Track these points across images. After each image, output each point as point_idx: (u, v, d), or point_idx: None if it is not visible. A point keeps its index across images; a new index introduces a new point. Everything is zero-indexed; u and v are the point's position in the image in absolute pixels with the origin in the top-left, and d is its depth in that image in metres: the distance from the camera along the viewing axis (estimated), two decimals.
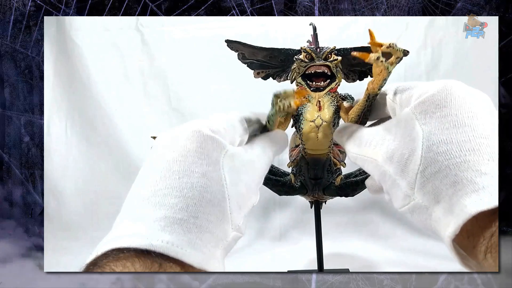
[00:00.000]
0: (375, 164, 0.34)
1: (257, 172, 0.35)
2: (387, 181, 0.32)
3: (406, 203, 0.31)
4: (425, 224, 0.30)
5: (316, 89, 0.44)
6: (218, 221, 0.30)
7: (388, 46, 0.37)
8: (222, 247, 0.30)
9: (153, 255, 0.26)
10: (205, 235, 0.29)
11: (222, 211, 0.30)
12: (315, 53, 0.43)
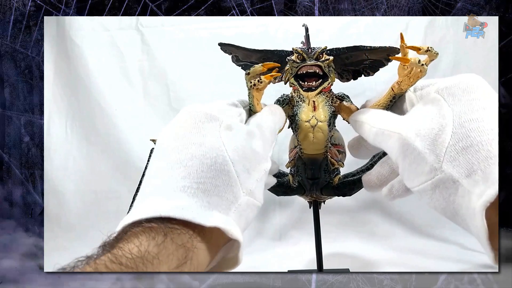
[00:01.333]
0: (398, 137, 0.33)
1: (259, 137, 0.35)
2: (409, 156, 0.32)
3: (431, 177, 0.31)
4: (446, 200, 0.30)
5: (308, 89, 0.44)
6: (224, 185, 0.30)
7: (427, 50, 0.39)
8: (235, 210, 0.31)
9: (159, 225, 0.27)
10: (213, 198, 0.29)
11: (227, 174, 0.31)
12: (307, 53, 0.43)
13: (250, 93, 0.40)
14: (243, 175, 0.32)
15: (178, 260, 0.26)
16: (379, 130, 0.36)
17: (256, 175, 0.33)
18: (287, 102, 0.47)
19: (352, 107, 0.46)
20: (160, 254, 0.26)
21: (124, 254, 0.25)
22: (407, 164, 0.33)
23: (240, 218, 0.31)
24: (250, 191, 0.32)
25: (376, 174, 0.40)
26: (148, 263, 0.25)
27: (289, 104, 0.47)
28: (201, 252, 0.28)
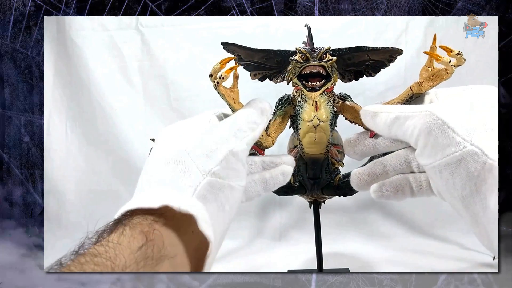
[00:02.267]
0: (425, 114, 0.33)
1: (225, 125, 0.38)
2: (435, 131, 0.32)
3: (458, 150, 0.31)
4: (470, 175, 0.30)
5: (312, 89, 0.44)
6: (182, 172, 0.34)
7: (457, 53, 0.39)
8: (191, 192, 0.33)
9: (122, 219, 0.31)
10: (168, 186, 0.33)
11: (183, 163, 0.34)
12: (310, 53, 0.44)
13: (219, 92, 0.41)
14: (200, 160, 0.34)
15: (138, 242, 0.29)
16: (400, 113, 0.35)
17: (218, 157, 0.35)
18: (289, 102, 0.47)
19: (356, 107, 0.46)
20: (120, 239, 0.28)
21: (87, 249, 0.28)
22: (432, 138, 0.32)
23: (206, 199, 0.33)
24: (212, 172, 0.34)
25: (368, 170, 0.40)
26: (110, 249, 0.27)
27: (291, 104, 0.47)
28: (166, 235, 0.30)
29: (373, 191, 0.39)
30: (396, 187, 0.38)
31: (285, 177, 0.41)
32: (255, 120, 0.39)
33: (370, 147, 0.41)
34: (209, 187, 0.33)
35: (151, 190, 0.33)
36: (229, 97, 0.42)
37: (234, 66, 0.41)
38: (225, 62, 0.40)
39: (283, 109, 0.47)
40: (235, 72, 0.41)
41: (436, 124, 0.32)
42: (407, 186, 0.38)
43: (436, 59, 0.39)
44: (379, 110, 0.38)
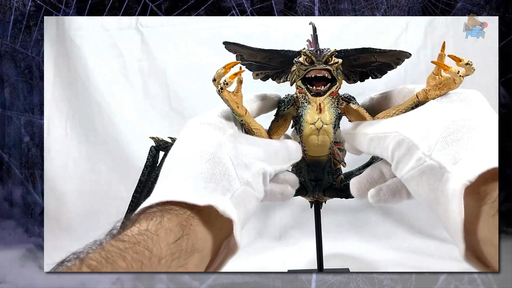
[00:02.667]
0: (394, 135, 0.36)
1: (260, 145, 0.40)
2: (403, 148, 0.35)
3: (420, 164, 0.33)
4: (431, 187, 0.32)
5: (317, 93, 0.43)
6: (221, 174, 0.34)
7: (466, 63, 0.40)
8: (231, 197, 0.34)
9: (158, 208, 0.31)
10: (210, 184, 0.33)
11: (224, 165, 0.35)
12: (315, 56, 0.42)
13: (222, 98, 0.41)
14: (240, 168, 0.36)
15: (175, 235, 0.29)
16: (374, 135, 0.39)
17: (254, 170, 0.37)
18: (292, 103, 0.47)
19: (360, 110, 0.45)
20: (158, 231, 0.29)
21: (126, 234, 0.28)
22: (401, 155, 0.35)
23: (238, 205, 0.34)
24: (247, 181, 0.36)
25: (366, 176, 0.41)
26: (148, 239, 0.28)
27: (294, 105, 0.47)
28: (199, 231, 0.32)
29: (371, 196, 0.39)
30: (393, 191, 0.39)
31: (283, 198, 0.42)
32: (288, 157, 0.42)
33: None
34: (243, 195, 0.35)
35: (191, 185, 0.33)
36: (232, 102, 0.41)
37: (239, 71, 0.40)
38: (230, 67, 0.40)
39: (286, 110, 0.47)
40: (239, 77, 0.41)
41: (404, 143, 0.35)
42: (403, 189, 0.38)
43: (444, 69, 0.39)
44: (356, 132, 0.42)
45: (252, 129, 0.44)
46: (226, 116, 0.42)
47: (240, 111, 0.42)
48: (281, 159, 0.41)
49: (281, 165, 0.41)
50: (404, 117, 0.39)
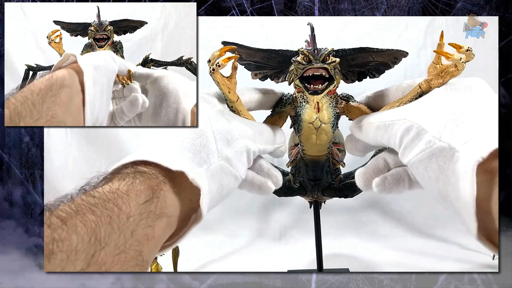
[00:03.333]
0: (402, 122, 0.36)
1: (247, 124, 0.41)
2: (411, 134, 0.35)
3: (429, 146, 0.34)
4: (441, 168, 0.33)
5: (314, 92, 0.43)
6: (201, 145, 0.36)
7: (467, 49, 0.41)
8: (207, 168, 0.35)
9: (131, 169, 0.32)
10: (187, 153, 0.35)
11: (206, 138, 0.36)
12: (313, 55, 0.43)
13: (214, 79, 0.41)
14: (221, 142, 0.37)
15: (145, 197, 0.30)
16: (381, 123, 0.39)
17: (236, 147, 0.38)
18: (289, 102, 0.47)
19: (361, 107, 0.45)
20: (129, 191, 0.30)
21: (97, 190, 0.29)
22: (410, 140, 0.35)
23: (213, 178, 0.35)
24: (226, 157, 0.37)
25: (371, 166, 0.41)
26: (118, 197, 0.29)
27: (291, 104, 0.47)
28: (169, 197, 0.32)
29: (376, 185, 0.39)
30: (397, 179, 0.39)
31: (261, 191, 0.42)
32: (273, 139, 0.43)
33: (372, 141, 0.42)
34: (220, 170, 0.36)
35: (168, 150, 0.35)
36: (224, 85, 0.41)
37: (233, 56, 0.41)
38: (225, 50, 0.41)
39: (283, 108, 0.47)
40: (234, 63, 0.41)
41: (412, 128, 0.35)
42: (406, 178, 0.39)
43: (446, 57, 0.39)
44: (362, 124, 0.42)
45: (242, 117, 0.44)
46: (218, 95, 0.44)
47: (231, 97, 0.42)
48: (265, 139, 0.42)
49: (265, 145, 0.42)
50: (410, 105, 0.39)
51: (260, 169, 0.43)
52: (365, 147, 0.44)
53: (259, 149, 0.41)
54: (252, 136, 0.40)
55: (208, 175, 0.35)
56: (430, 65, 0.41)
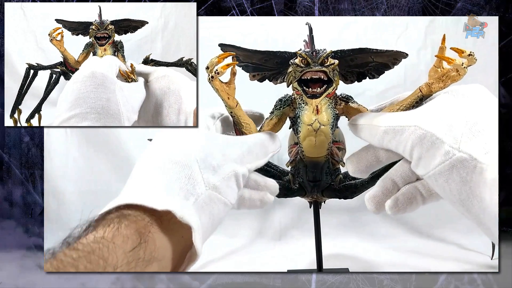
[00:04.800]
0: (414, 129, 0.35)
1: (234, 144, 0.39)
2: (425, 143, 0.34)
3: (449, 157, 0.32)
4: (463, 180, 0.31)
5: (313, 95, 0.42)
6: (186, 177, 0.34)
7: (469, 54, 0.39)
8: (195, 201, 0.33)
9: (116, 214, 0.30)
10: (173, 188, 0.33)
11: (190, 168, 0.34)
12: (311, 57, 0.42)
13: (213, 86, 0.41)
14: (207, 171, 0.35)
15: (132, 243, 0.28)
16: (389, 127, 0.37)
17: (222, 173, 0.36)
18: (288, 103, 0.46)
19: (361, 108, 0.45)
20: (115, 238, 0.28)
21: (81, 241, 0.27)
22: (424, 150, 0.34)
23: (202, 210, 0.34)
24: (214, 186, 0.35)
25: (380, 189, 0.39)
26: (104, 247, 0.27)
27: (290, 105, 0.46)
28: (158, 238, 0.30)
29: (389, 208, 0.38)
30: (409, 198, 0.38)
31: (262, 205, 0.42)
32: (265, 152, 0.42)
33: (373, 161, 0.40)
34: (208, 200, 0.34)
35: (152, 189, 0.33)
36: (223, 92, 0.41)
37: (232, 63, 0.40)
38: (223, 57, 0.40)
39: (282, 109, 0.46)
40: (232, 69, 0.41)
41: (426, 138, 0.34)
42: (418, 195, 0.38)
43: (448, 62, 0.39)
44: (366, 123, 0.40)
45: (242, 122, 0.43)
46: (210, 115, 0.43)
47: (230, 103, 0.42)
48: (256, 156, 0.40)
49: (256, 162, 0.40)
50: (419, 111, 0.37)
51: (256, 185, 0.42)
52: (367, 167, 0.41)
53: (248, 169, 0.39)
54: (240, 158, 0.38)
55: (197, 207, 0.33)
56: (431, 69, 0.40)
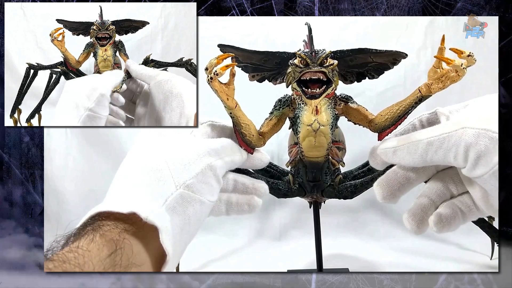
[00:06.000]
0: (462, 132, 0.33)
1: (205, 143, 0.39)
2: (482, 141, 0.32)
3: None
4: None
5: (312, 96, 0.42)
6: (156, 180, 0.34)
7: (468, 55, 0.38)
8: (166, 202, 0.33)
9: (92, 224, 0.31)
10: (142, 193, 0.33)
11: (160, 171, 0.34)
12: (310, 58, 0.42)
13: (212, 87, 0.41)
14: (177, 170, 0.34)
15: (108, 250, 0.29)
16: (433, 138, 0.35)
17: (195, 169, 0.35)
18: (288, 103, 0.46)
19: (360, 109, 0.45)
20: (90, 246, 0.29)
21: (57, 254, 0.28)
22: (482, 147, 0.31)
23: (175, 210, 0.33)
24: (186, 185, 0.34)
25: (419, 206, 0.38)
26: (79, 256, 0.27)
27: (290, 106, 0.46)
28: (134, 244, 0.31)
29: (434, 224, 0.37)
30: (452, 213, 0.37)
31: (250, 209, 0.41)
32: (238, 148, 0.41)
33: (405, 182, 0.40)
34: (180, 200, 0.34)
35: (123, 194, 0.33)
36: (222, 93, 0.41)
37: (231, 64, 0.40)
38: (222, 58, 0.40)
39: (281, 110, 0.46)
40: (232, 69, 0.41)
41: (481, 135, 0.32)
42: (458, 211, 0.37)
43: (447, 62, 0.38)
44: (400, 144, 0.38)
45: (241, 123, 0.43)
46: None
47: (229, 104, 0.41)
48: (231, 149, 0.40)
49: (232, 156, 0.40)
50: (459, 116, 0.36)
51: (245, 188, 0.41)
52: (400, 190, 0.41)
53: (226, 162, 0.38)
54: (214, 150, 0.37)
55: (167, 208, 0.33)
56: (430, 69, 0.40)
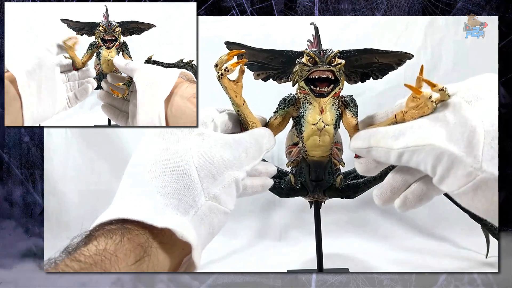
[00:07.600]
0: (429, 149, 0.32)
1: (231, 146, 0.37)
2: (445, 163, 0.32)
3: (471, 179, 0.30)
4: (489, 200, 0.30)
5: (320, 94, 0.43)
6: (185, 188, 0.32)
7: (440, 89, 0.35)
8: (194, 214, 0.32)
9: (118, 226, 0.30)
10: (171, 200, 0.32)
11: (189, 178, 0.33)
12: (319, 57, 0.42)
13: (221, 84, 0.40)
14: (207, 180, 0.33)
15: (135, 257, 0.28)
16: (403, 149, 0.34)
17: (223, 181, 0.34)
18: (292, 102, 0.46)
19: (351, 121, 0.44)
20: (118, 251, 0.28)
21: (82, 253, 0.27)
22: (444, 170, 0.32)
23: (202, 222, 0.33)
24: (213, 196, 0.33)
25: (389, 187, 0.38)
26: (106, 259, 0.27)
27: (294, 105, 0.46)
28: (160, 252, 0.30)
29: (398, 207, 0.37)
30: (419, 196, 0.37)
31: (264, 189, 0.42)
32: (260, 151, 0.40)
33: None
34: (208, 211, 0.33)
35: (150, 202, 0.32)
36: (231, 90, 0.41)
37: (242, 61, 0.40)
38: (233, 54, 0.40)
39: (286, 109, 0.46)
40: (241, 66, 0.41)
41: (444, 157, 0.32)
42: (430, 191, 0.37)
43: (416, 93, 0.36)
44: (374, 145, 0.37)
45: (248, 121, 0.43)
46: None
47: (238, 101, 0.42)
48: (252, 156, 0.39)
49: (253, 163, 0.39)
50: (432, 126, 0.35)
51: (258, 173, 0.42)
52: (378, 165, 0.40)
53: (247, 171, 0.38)
54: (239, 161, 0.36)
55: (196, 220, 0.32)
56: (408, 97, 0.38)
